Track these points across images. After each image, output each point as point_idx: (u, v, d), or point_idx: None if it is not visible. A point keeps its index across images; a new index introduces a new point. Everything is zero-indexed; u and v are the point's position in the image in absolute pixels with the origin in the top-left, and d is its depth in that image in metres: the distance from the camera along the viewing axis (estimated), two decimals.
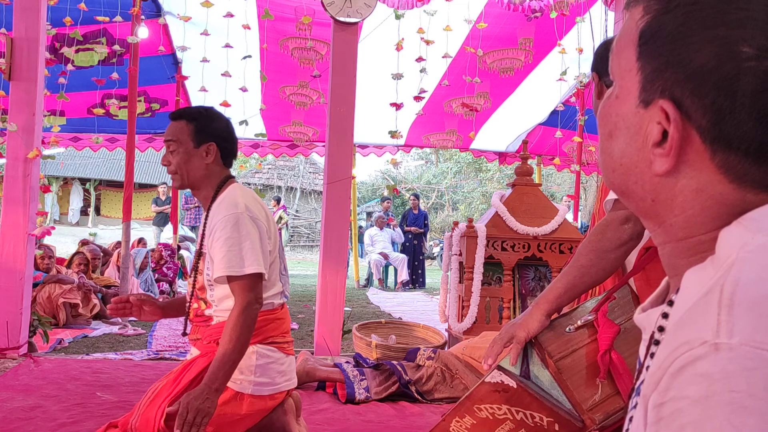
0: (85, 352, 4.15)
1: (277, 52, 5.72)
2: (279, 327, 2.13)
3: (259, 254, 1.96)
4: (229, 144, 2.13)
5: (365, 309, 6.96)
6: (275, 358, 2.08)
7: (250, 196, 2.10)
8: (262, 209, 2.08)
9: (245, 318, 1.91)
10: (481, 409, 1.29)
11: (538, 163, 8.51)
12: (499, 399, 1.27)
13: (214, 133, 2.09)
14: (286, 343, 2.14)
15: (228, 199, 2.04)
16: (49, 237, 4.61)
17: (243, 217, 1.97)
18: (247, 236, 1.96)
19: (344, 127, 4.14)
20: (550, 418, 1.24)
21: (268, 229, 2.06)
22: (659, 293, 0.62)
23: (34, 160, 3.74)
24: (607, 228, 1.40)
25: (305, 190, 21.35)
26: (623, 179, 0.57)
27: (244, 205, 1.99)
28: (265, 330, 2.07)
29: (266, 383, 2.05)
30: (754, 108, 0.48)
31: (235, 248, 1.94)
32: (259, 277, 1.97)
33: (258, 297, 1.96)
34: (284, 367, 2.11)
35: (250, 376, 2.02)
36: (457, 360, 3.29)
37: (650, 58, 0.52)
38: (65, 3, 4.53)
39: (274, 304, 2.12)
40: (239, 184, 2.15)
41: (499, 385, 1.27)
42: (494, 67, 5.56)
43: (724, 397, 0.40)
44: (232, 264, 1.93)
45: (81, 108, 6.66)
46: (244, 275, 1.93)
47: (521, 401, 1.26)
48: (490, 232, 4.06)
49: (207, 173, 2.09)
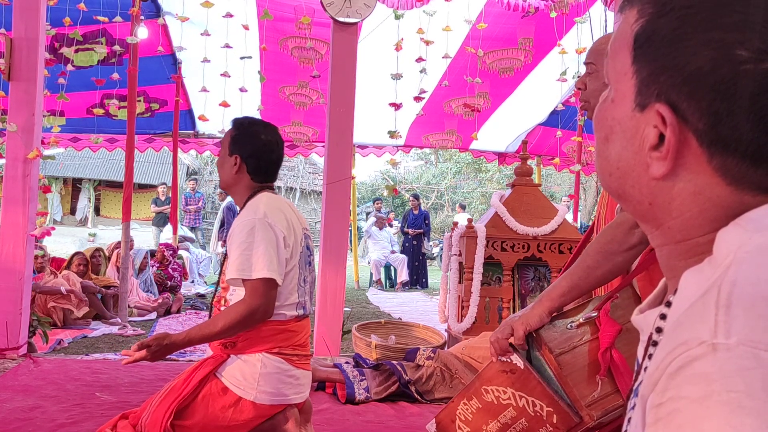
0: (84, 353, 4.15)
1: (277, 52, 5.72)
2: (290, 339, 2.11)
3: (272, 260, 1.98)
4: (259, 161, 2.17)
5: (365, 309, 6.96)
6: (282, 369, 2.07)
7: (276, 205, 2.12)
8: (284, 219, 2.09)
9: (243, 317, 1.94)
10: (488, 391, 1.31)
11: (537, 164, 8.51)
12: (506, 381, 1.29)
13: (242, 149, 2.17)
14: (296, 356, 2.11)
15: (251, 206, 2.09)
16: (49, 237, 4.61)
17: (260, 224, 2.01)
18: (261, 242, 1.98)
19: (344, 128, 4.14)
20: (549, 408, 1.26)
21: (288, 237, 2.07)
22: (657, 295, 0.62)
23: (33, 160, 3.74)
24: (616, 230, 1.40)
25: (305, 190, 21.35)
26: (620, 183, 0.57)
27: (263, 213, 2.03)
28: (273, 339, 2.06)
29: (271, 393, 2.04)
30: (751, 111, 0.48)
31: (247, 252, 1.98)
32: (269, 282, 1.98)
33: (268, 303, 1.98)
34: (293, 380, 2.09)
35: (253, 384, 2.02)
36: (457, 360, 3.30)
37: (646, 61, 0.52)
38: (65, 3, 4.53)
39: (287, 315, 2.10)
40: (272, 194, 2.18)
41: (508, 364, 1.29)
42: (494, 67, 5.56)
43: (722, 397, 0.40)
44: (243, 267, 1.97)
45: (80, 108, 6.66)
46: (254, 279, 1.96)
47: (526, 385, 1.27)
48: (490, 232, 4.06)
49: (235, 181, 2.19)
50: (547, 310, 1.35)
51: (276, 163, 2.24)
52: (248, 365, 2.01)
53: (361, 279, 9.83)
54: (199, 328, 2.02)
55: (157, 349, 1.95)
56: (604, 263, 1.39)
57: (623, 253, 1.39)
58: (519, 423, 1.29)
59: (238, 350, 2.06)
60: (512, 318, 1.37)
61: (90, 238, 15.63)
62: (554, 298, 1.36)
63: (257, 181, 2.19)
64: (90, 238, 15.63)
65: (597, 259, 1.39)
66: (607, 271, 1.39)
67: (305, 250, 2.22)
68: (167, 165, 17.17)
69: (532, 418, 1.26)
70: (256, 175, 2.18)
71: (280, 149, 2.25)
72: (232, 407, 2.01)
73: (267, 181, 2.22)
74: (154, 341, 1.95)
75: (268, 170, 2.21)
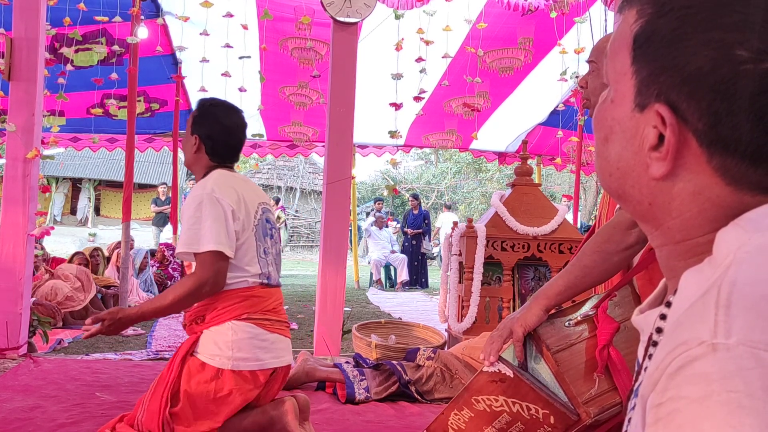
0: (84, 353, 4.15)
1: (277, 52, 5.71)
2: (257, 304, 2.14)
3: (219, 233, 2.03)
4: (215, 143, 2.22)
5: (365, 309, 6.96)
6: (254, 333, 2.11)
7: (226, 181, 2.16)
8: (234, 193, 2.13)
9: (192, 290, 2.01)
10: (478, 401, 1.30)
11: (537, 163, 8.51)
12: (497, 390, 1.28)
13: (201, 129, 2.23)
14: (267, 320, 2.16)
15: (200, 183, 2.16)
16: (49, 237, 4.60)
17: (207, 199, 2.07)
18: (209, 216, 2.04)
19: (344, 127, 4.14)
20: (545, 410, 1.25)
21: (237, 211, 2.11)
22: (657, 295, 0.62)
23: (33, 160, 3.74)
24: (614, 230, 1.40)
25: (305, 190, 21.34)
26: (620, 183, 0.57)
27: (210, 188, 2.09)
28: (239, 306, 2.10)
29: (246, 358, 2.08)
30: (751, 111, 0.48)
31: (195, 227, 2.04)
32: (217, 255, 2.02)
33: (217, 275, 2.03)
34: (267, 344, 2.13)
35: (228, 352, 2.06)
36: (457, 360, 3.30)
37: (645, 62, 0.52)
38: (65, 3, 4.53)
39: (249, 282, 2.14)
40: (225, 171, 2.22)
41: (497, 374, 1.28)
42: (494, 66, 5.56)
43: (722, 397, 0.40)
44: (191, 242, 2.04)
45: (80, 108, 6.65)
46: (202, 252, 2.02)
47: (518, 392, 1.26)
48: (490, 232, 4.06)
49: (195, 160, 2.25)
50: (543, 308, 1.34)
51: (234, 146, 2.28)
52: (220, 335, 2.06)
53: (361, 279, 9.83)
54: (150, 302, 2.11)
55: (111, 322, 2.01)
56: (601, 263, 1.39)
57: (620, 252, 1.39)
58: (515, 427, 1.28)
59: (208, 323, 2.10)
60: (511, 318, 1.37)
61: (90, 238, 15.63)
62: (551, 297, 1.36)
63: (215, 162, 2.23)
64: (90, 238, 15.63)
65: (594, 259, 1.39)
66: (604, 270, 1.39)
67: (264, 222, 2.24)
68: (167, 165, 17.20)
69: (528, 421, 1.26)
70: (213, 156, 2.23)
71: (239, 132, 2.29)
72: (213, 380, 2.05)
73: (226, 163, 2.26)
74: (108, 315, 2.02)
75: (226, 152, 2.26)
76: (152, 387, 2.11)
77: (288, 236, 19.48)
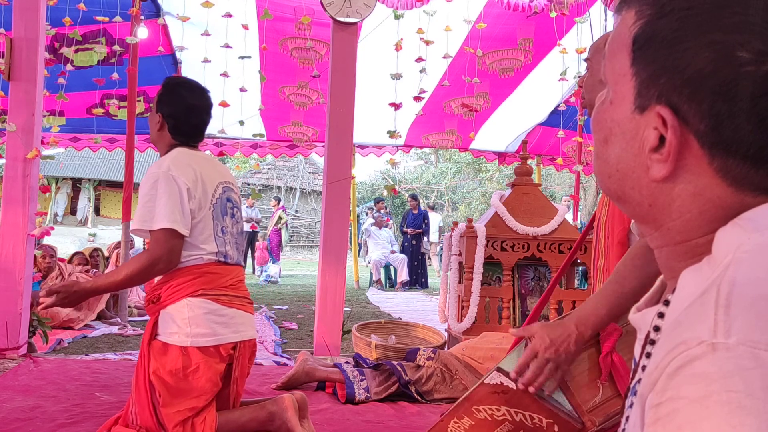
0: (84, 353, 4.15)
1: (277, 52, 5.71)
2: (213, 281, 2.14)
3: (173, 211, 2.04)
4: (177, 122, 2.23)
5: (365, 309, 6.96)
6: (210, 309, 2.11)
7: (184, 159, 2.16)
8: (192, 172, 2.13)
9: (145, 266, 2.03)
10: (479, 410, 1.29)
11: (537, 163, 8.51)
12: (499, 400, 1.27)
13: (165, 108, 2.24)
14: (225, 296, 2.16)
15: (159, 161, 2.16)
16: (49, 237, 4.60)
17: (163, 176, 2.08)
18: (164, 194, 2.05)
19: (344, 127, 4.14)
20: (549, 420, 1.24)
21: (193, 189, 2.12)
22: (654, 293, 0.62)
23: (33, 160, 3.74)
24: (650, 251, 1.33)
25: (305, 190, 21.33)
26: (620, 185, 0.57)
27: (167, 166, 2.10)
28: (194, 283, 2.11)
29: (205, 333, 2.09)
30: (752, 112, 0.48)
31: (150, 204, 2.06)
32: (171, 232, 2.03)
33: (170, 252, 2.04)
34: (226, 319, 2.14)
35: (186, 329, 2.07)
36: (457, 360, 3.30)
37: (645, 63, 0.52)
38: (64, 3, 4.53)
39: (204, 259, 2.15)
40: (185, 149, 2.22)
41: (499, 386, 1.27)
42: (494, 67, 5.56)
43: (722, 397, 0.40)
44: (146, 219, 2.05)
45: (80, 108, 6.65)
46: (155, 229, 2.04)
47: (520, 402, 1.26)
48: (490, 232, 4.06)
49: (158, 138, 2.27)
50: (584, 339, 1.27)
51: (197, 125, 2.28)
52: (176, 312, 2.08)
53: (361, 279, 9.83)
54: (105, 277, 2.15)
55: (66, 295, 2.04)
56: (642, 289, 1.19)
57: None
58: None
59: (164, 301, 2.11)
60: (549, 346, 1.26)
61: (90, 238, 15.64)
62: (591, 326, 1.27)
63: (178, 140, 2.24)
64: (90, 238, 15.64)
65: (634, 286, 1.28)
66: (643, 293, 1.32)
67: (225, 201, 2.24)
68: None
69: (531, 429, 1.25)
70: (176, 134, 2.24)
71: (203, 113, 2.30)
72: (179, 358, 2.06)
73: (189, 142, 2.26)
74: (62, 287, 2.04)
75: (189, 131, 2.26)
76: (133, 380, 2.15)
77: (288, 236, 19.47)
